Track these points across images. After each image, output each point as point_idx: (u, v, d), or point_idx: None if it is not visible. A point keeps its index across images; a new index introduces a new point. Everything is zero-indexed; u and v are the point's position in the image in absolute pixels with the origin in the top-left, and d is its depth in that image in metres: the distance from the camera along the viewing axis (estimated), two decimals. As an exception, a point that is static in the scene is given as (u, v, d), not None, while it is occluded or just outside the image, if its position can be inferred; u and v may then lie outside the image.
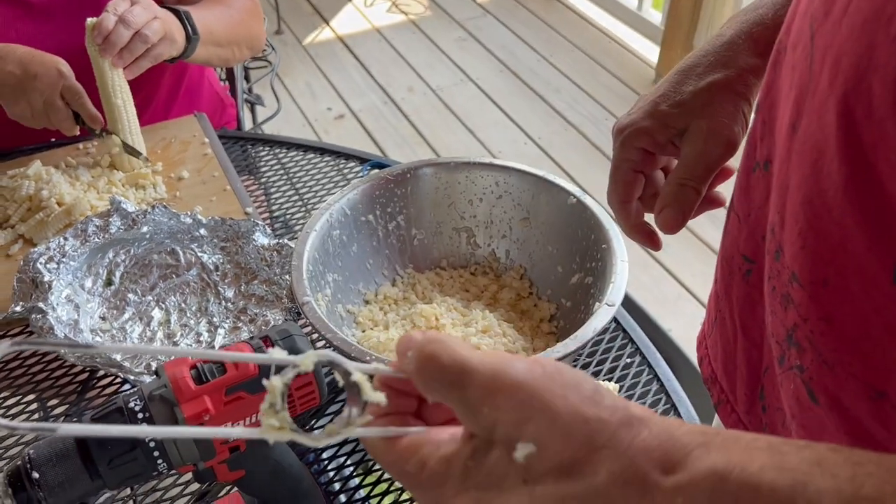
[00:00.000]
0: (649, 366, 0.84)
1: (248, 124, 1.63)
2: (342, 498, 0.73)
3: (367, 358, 0.66)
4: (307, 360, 0.33)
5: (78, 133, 1.03)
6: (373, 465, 0.77)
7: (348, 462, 0.77)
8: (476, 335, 0.79)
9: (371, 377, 0.36)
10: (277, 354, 0.33)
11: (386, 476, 0.76)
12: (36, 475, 0.48)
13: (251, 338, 0.56)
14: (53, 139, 1.15)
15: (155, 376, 0.54)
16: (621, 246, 0.76)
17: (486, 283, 0.90)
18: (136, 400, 0.51)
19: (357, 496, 0.73)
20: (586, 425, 0.31)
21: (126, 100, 1.02)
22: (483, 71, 2.95)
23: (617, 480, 0.30)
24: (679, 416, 0.79)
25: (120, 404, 0.51)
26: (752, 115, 0.54)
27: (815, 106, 0.40)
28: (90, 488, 0.50)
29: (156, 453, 0.51)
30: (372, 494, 0.74)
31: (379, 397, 0.35)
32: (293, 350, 0.55)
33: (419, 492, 0.34)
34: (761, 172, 0.49)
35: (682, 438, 0.31)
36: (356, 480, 0.75)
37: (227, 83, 1.49)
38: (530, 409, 0.31)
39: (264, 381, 0.32)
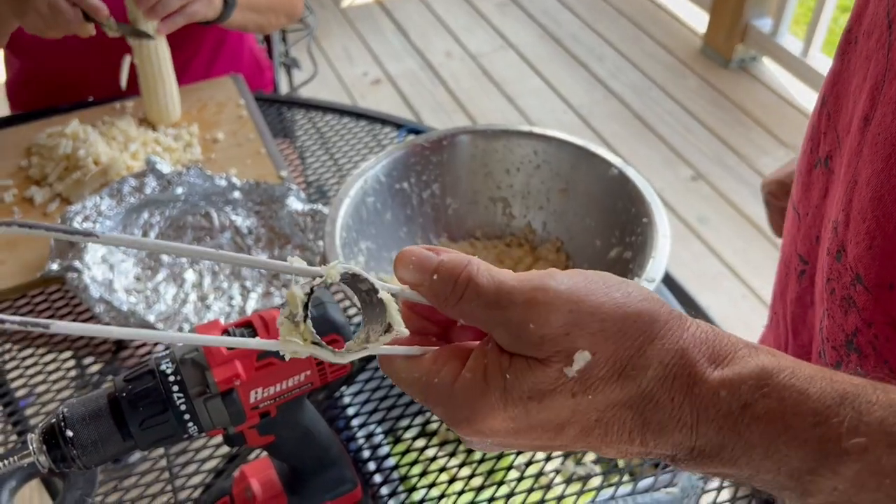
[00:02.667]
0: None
1: (284, 88, 1.61)
2: (371, 466, 0.73)
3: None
4: (332, 270, 0.32)
5: (94, 32, 0.99)
6: (402, 435, 0.77)
7: (378, 430, 0.76)
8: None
9: (395, 297, 0.34)
10: (298, 264, 0.32)
11: (417, 445, 0.75)
12: (70, 433, 0.48)
13: (283, 304, 0.55)
14: (91, 97, 1.15)
15: (186, 340, 0.53)
16: (663, 220, 0.74)
17: (521, 255, 0.88)
18: (167, 362, 0.51)
19: (386, 465, 0.73)
20: (639, 319, 0.30)
21: (163, 62, 1.01)
22: (524, 37, 2.90)
23: (668, 377, 0.29)
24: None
25: (152, 367, 0.51)
26: (816, 109, 0.51)
27: (893, 96, 0.37)
28: (122, 448, 0.50)
29: (187, 416, 0.50)
30: (401, 464, 0.73)
31: (403, 331, 0.34)
32: (325, 318, 0.54)
33: (449, 405, 0.32)
34: (822, 169, 0.47)
35: (731, 338, 0.30)
36: (386, 448, 0.75)
37: (264, 46, 1.48)
38: (579, 316, 0.30)
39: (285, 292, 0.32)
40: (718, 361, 0.30)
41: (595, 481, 0.71)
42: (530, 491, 0.70)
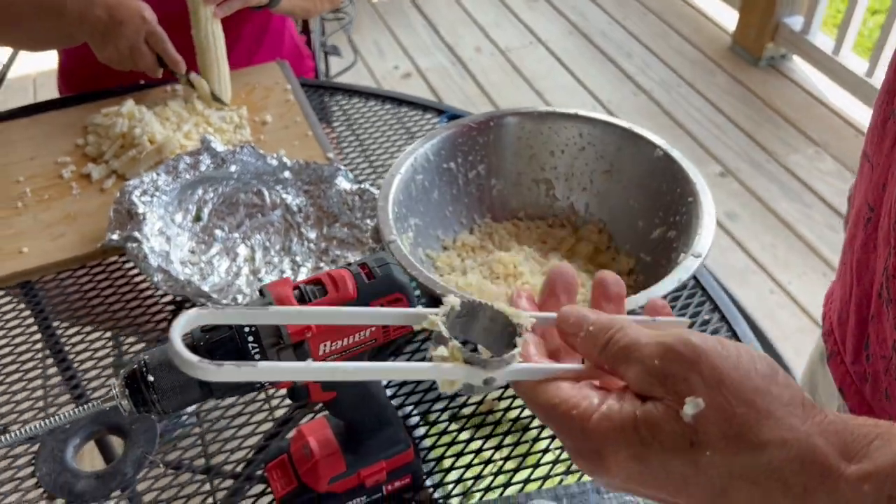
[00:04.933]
0: (728, 324, 0.83)
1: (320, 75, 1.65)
2: (420, 431, 0.75)
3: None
4: (450, 304, 0.35)
5: (161, 75, 1.07)
6: (437, 418, 0.79)
7: (414, 412, 0.78)
8: (555, 283, 0.79)
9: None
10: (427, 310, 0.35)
11: (452, 428, 0.78)
12: (151, 378, 0.51)
13: (349, 264, 0.58)
14: (142, 81, 1.19)
15: (259, 296, 0.56)
16: (708, 200, 0.76)
17: (564, 235, 0.90)
18: (242, 317, 0.53)
19: (422, 445, 0.76)
20: (756, 392, 0.31)
21: (219, 46, 1.05)
22: (553, 33, 2.91)
23: (794, 459, 0.29)
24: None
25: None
26: (891, 64, 0.53)
27: None
28: (198, 395, 0.53)
29: (260, 368, 0.53)
30: (437, 444, 0.76)
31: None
32: (390, 278, 0.57)
33: (581, 438, 0.34)
34: (895, 120, 0.49)
35: (859, 429, 0.30)
36: (421, 430, 0.77)
37: (303, 35, 1.51)
38: (700, 374, 0.31)
39: (427, 317, 0.34)
40: (853, 455, 0.29)
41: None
42: (567, 473, 0.72)
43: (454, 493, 0.71)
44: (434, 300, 0.70)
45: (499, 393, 0.79)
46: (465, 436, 0.76)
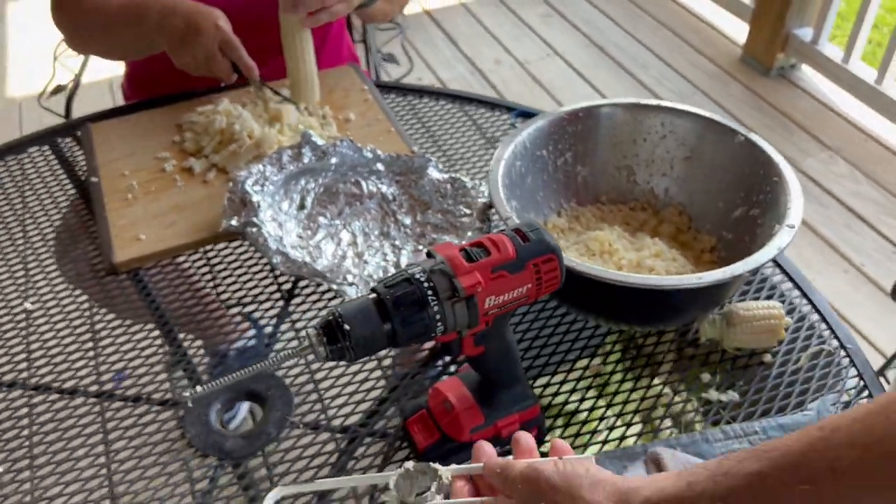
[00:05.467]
0: (807, 298, 0.91)
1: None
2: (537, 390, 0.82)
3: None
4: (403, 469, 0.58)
5: (234, 80, 1.12)
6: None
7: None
8: (650, 258, 0.87)
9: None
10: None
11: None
12: (347, 327, 0.58)
13: (502, 230, 0.64)
14: (222, 83, 1.26)
15: (427, 257, 0.63)
16: (793, 178, 0.83)
17: (645, 217, 0.98)
18: (420, 272, 0.60)
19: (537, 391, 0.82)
20: (574, 488, 0.50)
21: (307, 50, 1.12)
22: (569, 45, 3.01)
23: None
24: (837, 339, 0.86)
25: (407, 276, 0.60)
26: None
27: None
28: (385, 342, 0.59)
29: (438, 316, 0.60)
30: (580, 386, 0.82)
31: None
32: (541, 241, 0.63)
33: None
34: None
35: (639, 489, 0.49)
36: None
37: (359, 44, 1.58)
38: (542, 487, 0.52)
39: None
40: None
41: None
42: (675, 427, 0.78)
43: (575, 445, 0.77)
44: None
45: (603, 358, 0.85)
46: (576, 396, 0.82)
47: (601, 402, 0.80)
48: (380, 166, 1.04)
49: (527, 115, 1.21)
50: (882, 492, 0.39)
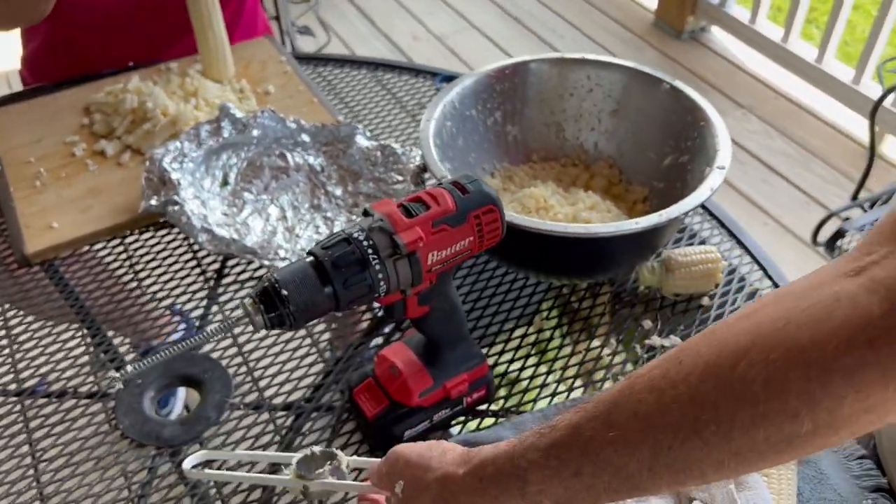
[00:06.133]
0: (739, 242, 0.92)
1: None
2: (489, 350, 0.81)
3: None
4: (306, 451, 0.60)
5: None
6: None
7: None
8: (585, 211, 0.86)
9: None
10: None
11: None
12: (285, 293, 0.55)
13: (439, 182, 0.63)
14: (131, 63, 1.19)
15: (365, 216, 0.60)
16: (720, 121, 0.84)
17: (577, 173, 0.97)
18: (359, 231, 0.58)
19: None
20: (424, 458, 0.53)
21: (215, 19, 1.07)
22: (484, 17, 3.00)
23: (440, 479, 0.51)
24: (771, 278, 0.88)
25: (345, 235, 0.57)
26: None
27: None
28: (327, 307, 0.57)
29: (380, 276, 0.57)
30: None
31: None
32: (480, 192, 0.62)
33: None
34: None
35: (480, 451, 0.51)
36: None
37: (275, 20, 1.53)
38: (398, 465, 0.55)
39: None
40: (467, 463, 0.51)
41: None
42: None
43: (520, 411, 0.76)
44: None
45: (539, 325, 0.85)
46: (516, 365, 0.81)
47: (542, 369, 0.80)
48: (305, 137, 1.01)
49: (451, 79, 1.19)
50: (678, 433, 0.40)
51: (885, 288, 0.36)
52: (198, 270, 0.91)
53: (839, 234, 1.44)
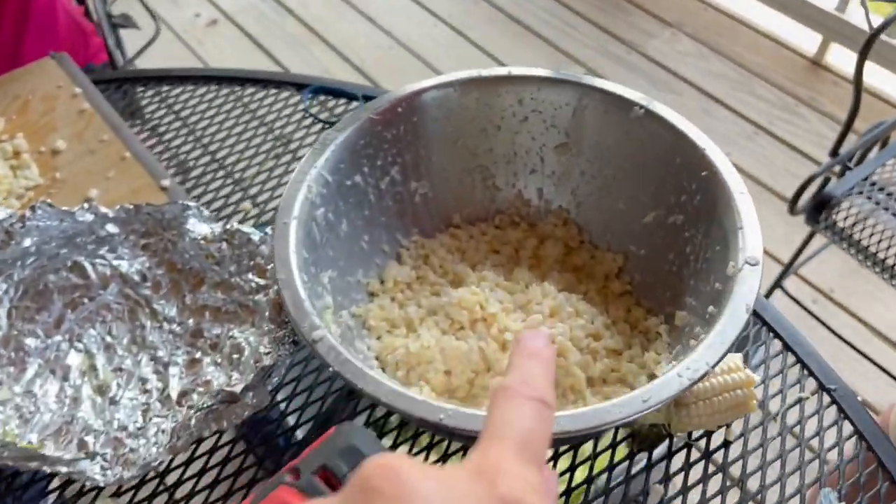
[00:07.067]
0: (796, 355, 0.65)
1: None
2: None
3: (441, 417, 0.43)
4: None
5: None
6: None
7: None
8: (545, 322, 0.57)
9: None
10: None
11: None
12: None
13: (292, 482, 0.32)
14: None
15: None
16: (731, 171, 0.55)
17: (520, 236, 0.68)
18: None
19: None
20: None
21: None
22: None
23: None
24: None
25: None
26: None
27: None
28: None
29: None
30: None
31: None
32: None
33: None
34: None
35: None
36: None
37: (81, 5, 1.14)
38: None
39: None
40: None
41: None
42: None
43: None
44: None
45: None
46: None
47: None
48: (111, 229, 0.67)
49: (326, 91, 0.86)
50: None
51: None
52: (-39, 487, 0.58)
53: (824, 202, 1.19)
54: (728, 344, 0.45)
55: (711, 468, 0.56)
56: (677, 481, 0.55)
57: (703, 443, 0.58)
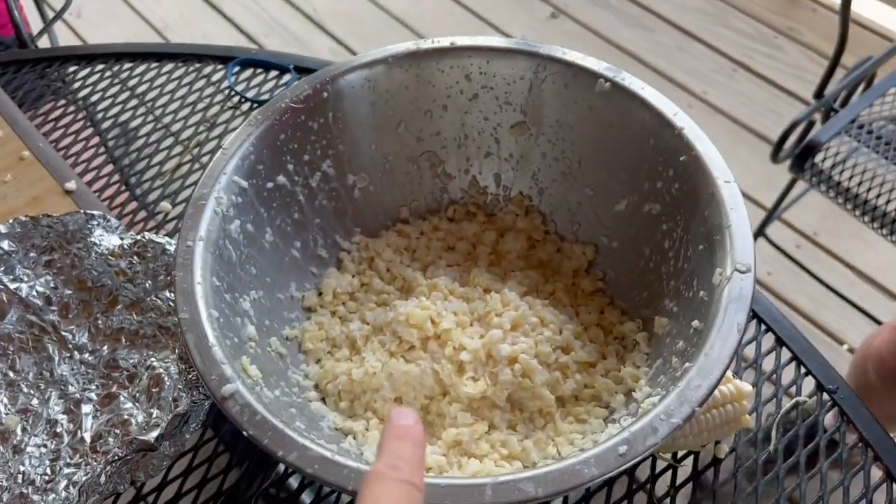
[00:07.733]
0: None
1: (33, 18, 1.14)
2: None
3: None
4: None
5: None
6: None
7: None
8: (506, 337, 0.50)
9: None
10: None
11: None
12: None
13: None
14: None
15: None
16: (715, 155, 0.47)
17: (477, 229, 0.59)
18: None
19: None
20: None
21: None
22: None
23: None
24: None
25: None
26: None
27: None
28: None
29: None
30: None
31: None
32: None
33: None
34: None
35: None
36: None
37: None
38: None
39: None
40: None
41: None
42: None
43: None
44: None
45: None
46: None
47: None
48: (6, 246, 0.58)
49: (251, 63, 0.76)
50: None
51: None
52: None
53: (809, 148, 1.12)
54: (718, 377, 0.38)
55: (700, 493, 0.49)
56: (663, 509, 0.49)
57: (689, 461, 0.51)
